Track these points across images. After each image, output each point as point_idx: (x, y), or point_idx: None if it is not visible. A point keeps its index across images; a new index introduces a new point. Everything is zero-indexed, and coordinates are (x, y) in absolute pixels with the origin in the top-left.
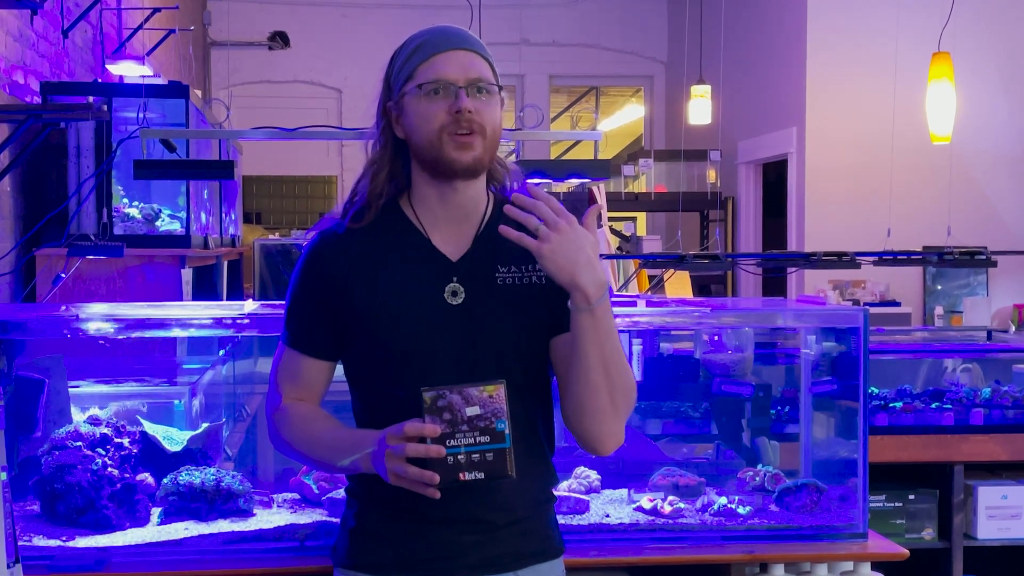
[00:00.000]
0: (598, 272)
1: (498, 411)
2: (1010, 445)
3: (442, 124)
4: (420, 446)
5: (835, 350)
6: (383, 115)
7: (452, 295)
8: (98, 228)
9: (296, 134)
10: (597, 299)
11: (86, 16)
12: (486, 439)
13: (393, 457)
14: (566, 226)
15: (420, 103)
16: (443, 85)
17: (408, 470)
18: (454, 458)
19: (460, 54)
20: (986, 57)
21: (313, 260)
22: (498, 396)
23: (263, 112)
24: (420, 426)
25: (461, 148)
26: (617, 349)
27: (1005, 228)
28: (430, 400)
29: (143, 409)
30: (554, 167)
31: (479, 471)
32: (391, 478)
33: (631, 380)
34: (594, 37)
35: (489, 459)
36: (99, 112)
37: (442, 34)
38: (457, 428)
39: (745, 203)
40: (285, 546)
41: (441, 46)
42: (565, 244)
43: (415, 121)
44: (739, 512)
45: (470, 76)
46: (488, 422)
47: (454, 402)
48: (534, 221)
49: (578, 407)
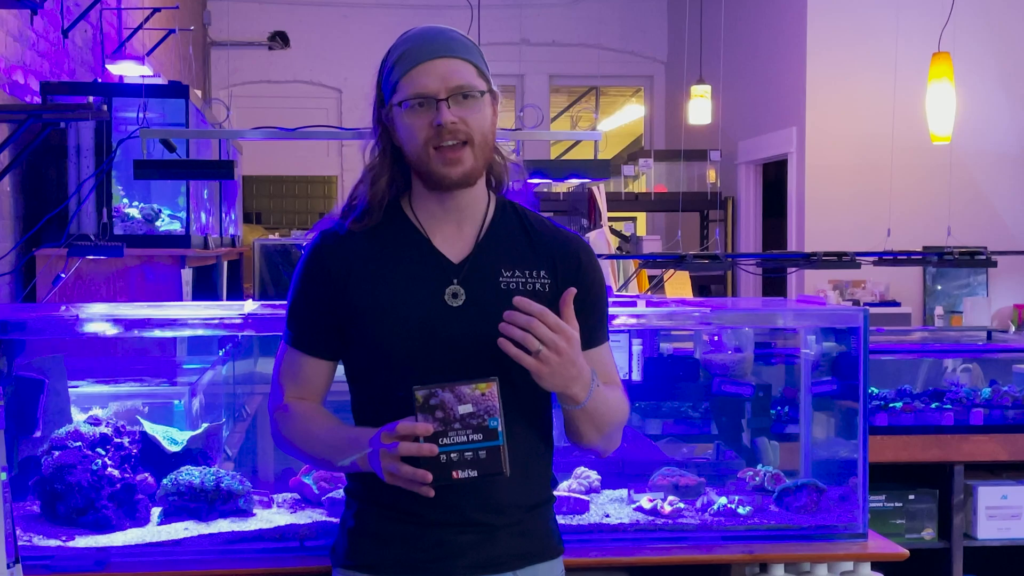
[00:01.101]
0: (585, 376)
1: (491, 408)
2: (1010, 445)
3: (427, 138)
4: (412, 444)
5: (835, 350)
6: (378, 122)
7: (452, 297)
8: (98, 228)
9: (296, 134)
10: (585, 399)
11: (86, 16)
12: (479, 437)
13: (387, 455)
14: (564, 347)
15: (405, 118)
16: (424, 99)
17: (401, 468)
18: (447, 456)
19: (439, 63)
20: (986, 57)
21: (314, 260)
22: (491, 393)
23: (263, 112)
24: (412, 425)
25: (449, 164)
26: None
27: (1005, 228)
28: (422, 398)
29: (143, 409)
30: (554, 167)
31: (472, 469)
32: (385, 476)
33: (625, 412)
34: (594, 37)
35: (482, 457)
36: (99, 112)
37: (424, 41)
38: (450, 426)
39: (745, 203)
40: (285, 546)
41: (420, 56)
42: (563, 365)
43: (404, 135)
44: (739, 512)
45: (450, 85)
46: (481, 420)
47: (446, 400)
48: (534, 343)
49: (577, 439)
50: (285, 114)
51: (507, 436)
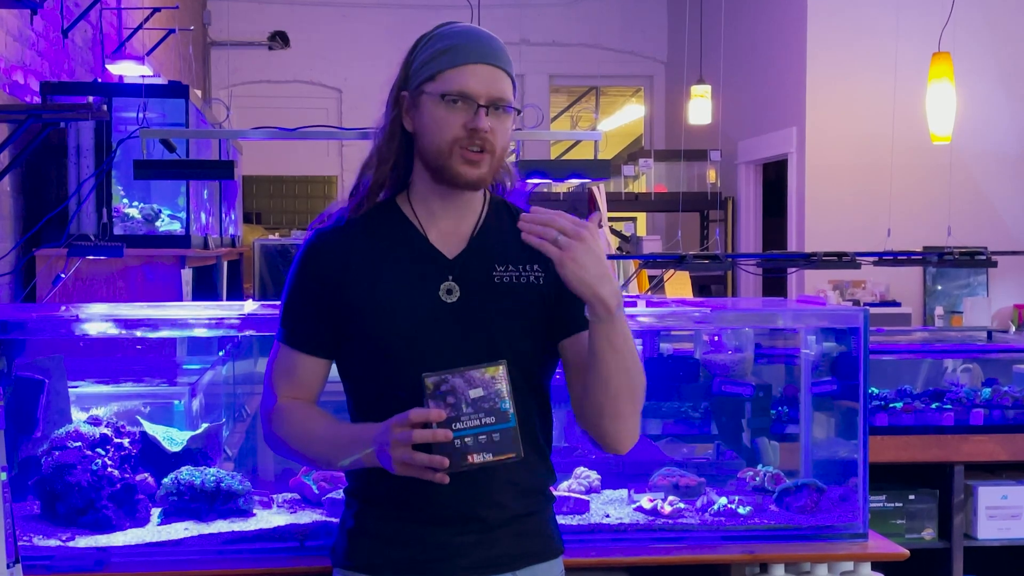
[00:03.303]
0: (615, 282)
1: (501, 392)
2: (1010, 445)
3: (456, 137)
4: (427, 431)
5: (835, 350)
6: (395, 104)
7: (447, 293)
8: (98, 228)
9: (296, 134)
10: (616, 307)
11: (86, 16)
12: (491, 420)
13: (399, 446)
14: (587, 235)
15: (438, 109)
16: (465, 98)
17: (416, 457)
18: (461, 441)
19: (487, 69)
20: (986, 57)
21: (309, 257)
22: (500, 376)
23: (263, 112)
24: (425, 412)
25: (469, 164)
26: (634, 352)
27: (1005, 228)
28: (433, 385)
29: (143, 409)
30: (554, 167)
31: (487, 452)
32: (397, 468)
33: (644, 377)
34: (594, 37)
35: (496, 439)
36: (99, 112)
37: (475, 42)
38: (462, 411)
39: (745, 203)
40: (285, 546)
41: (471, 57)
42: (586, 254)
43: (429, 125)
44: (739, 512)
45: (492, 94)
46: (492, 403)
47: (457, 385)
48: (552, 232)
49: (598, 410)
50: (285, 114)
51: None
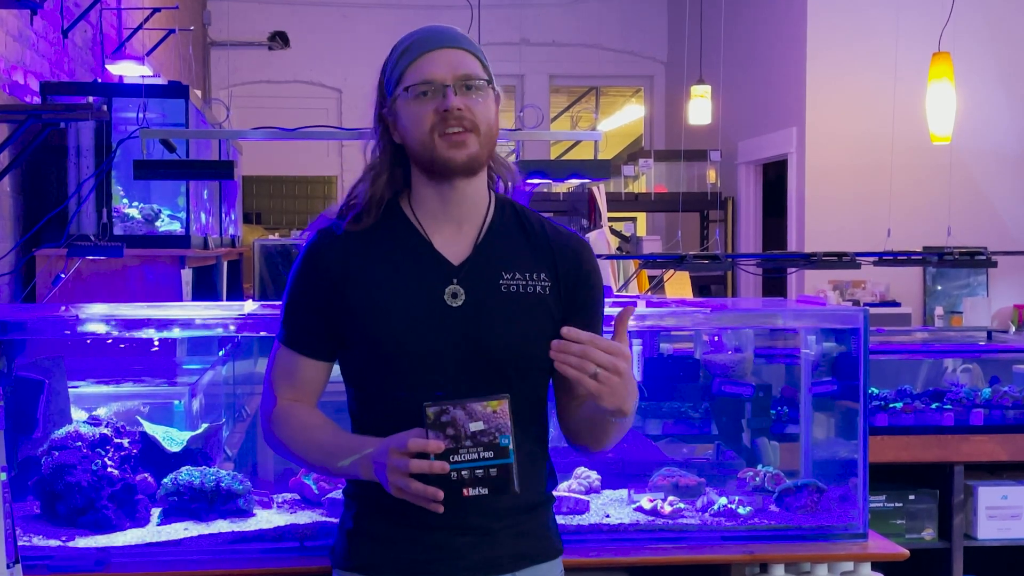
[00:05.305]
0: (636, 390)
1: (502, 426)
2: (1010, 445)
3: (432, 124)
4: (424, 462)
5: (835, 350)
6: (379, 121)
7: (452, 297)
8: (98, 228)
9: (296, 134)
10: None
11: (86, 16)
12: (490, 454)
13: (396, 472)
14: (624, 367)
15: (410, 106)
16: (431, 86)
17: (411, 485)
18: (458, 474)
19: (447, 52)
20: (986, 57)
21: (311, 259)
22: (502, 411)
23: (263, 112)
24: (424, 442)
25: (454, 146)
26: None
27: (1005, 228)
28: (433, 415)
29: (143, 409)
30: (554, 167)
31: (483, 487)
32: (393, 491)
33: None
34: (594, 37)
35: (493, 475)
36: (99, 112)
37: (429, 33)
38: (461, 444)
39: (745, 203)
40: (285, 546)
41: (427, 45)
42: (623, 387)
43: (407, 124)
44: (739, 512)
45: (458, 73)
46: (492, 437)
47: (458, 417)
48: (591, 368)
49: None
50: (285, 114)
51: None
